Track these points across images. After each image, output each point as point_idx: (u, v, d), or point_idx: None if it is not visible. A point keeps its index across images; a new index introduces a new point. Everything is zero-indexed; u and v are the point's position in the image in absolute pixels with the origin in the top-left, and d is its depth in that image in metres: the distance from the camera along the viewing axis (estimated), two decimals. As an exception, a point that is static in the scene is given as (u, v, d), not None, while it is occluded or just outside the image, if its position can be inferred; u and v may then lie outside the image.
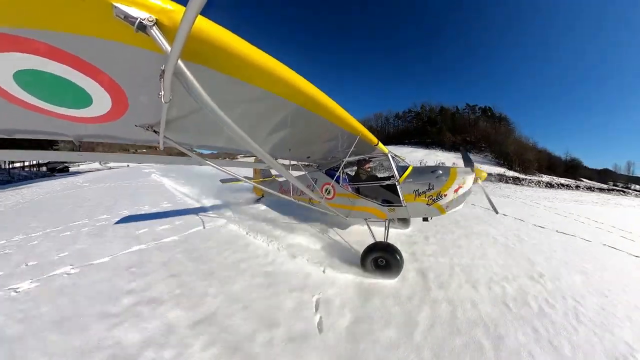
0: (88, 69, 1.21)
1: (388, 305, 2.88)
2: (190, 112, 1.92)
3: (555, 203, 15.17)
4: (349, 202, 4.52)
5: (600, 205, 16.95)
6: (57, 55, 1.10)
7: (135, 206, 8.11)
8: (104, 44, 1.02)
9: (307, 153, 4.48)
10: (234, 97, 1.67)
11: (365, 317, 2.67)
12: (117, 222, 6.07)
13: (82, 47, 1.07)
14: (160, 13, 0.93)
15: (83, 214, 7.19)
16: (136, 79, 1.34)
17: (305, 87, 1.75)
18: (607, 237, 6.65)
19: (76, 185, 15.71)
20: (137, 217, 6.62)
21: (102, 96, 1.47)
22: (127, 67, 1.23)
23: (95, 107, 1.61)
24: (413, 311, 2.79)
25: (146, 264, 3.74)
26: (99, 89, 1.38)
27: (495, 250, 4.81)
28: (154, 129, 2.13)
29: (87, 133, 2.22)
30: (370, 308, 2.81)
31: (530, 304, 3.06)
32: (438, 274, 3.66)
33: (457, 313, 2.79)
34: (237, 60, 1.25)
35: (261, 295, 2.97)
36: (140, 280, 3.25)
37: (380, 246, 3.52)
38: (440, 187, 3.60)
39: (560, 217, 9.58)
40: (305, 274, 3.46)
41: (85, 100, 1.51)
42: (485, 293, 3.23)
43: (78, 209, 7.94)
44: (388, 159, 4.10)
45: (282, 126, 2.58)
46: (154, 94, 1.27)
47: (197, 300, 2.86)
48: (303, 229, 5.28)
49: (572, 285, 3.65)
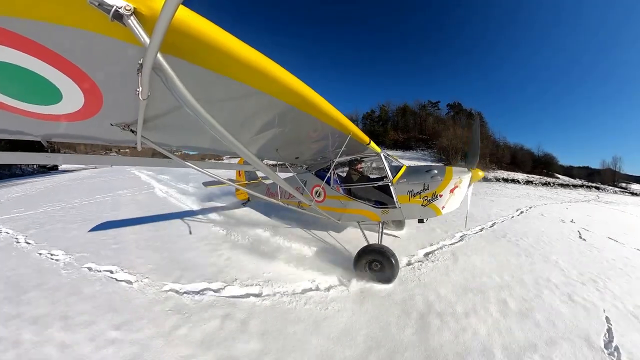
0: (57, 60, 1.15)
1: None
2: (171, 111, 1.89)
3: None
4: (341, 204, 4.54)
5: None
6: (22, 45, 1.05)
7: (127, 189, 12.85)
8: (75, 34, 0.98)
9: (295, 154, 4.47)
10: (217, 94, 1.64)
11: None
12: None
13: (50, 37, 1.01)
14: (138, 1, 0.89)
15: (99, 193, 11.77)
16: (111, 73, 1.30)
17: (294, 84, 1.74)
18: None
19: (79, 178, 20.89)
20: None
21: (73, 92, 1.41)
22: (101, 60, 1.19)
23: (65, 104, 1.55)
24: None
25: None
26: (69, 83, 1.33)
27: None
28: (131, 129, 2.07)
29: (57, 132, 2.13)
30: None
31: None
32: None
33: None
34: (221, 55, 1.23)
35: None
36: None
37: (374, 249, 3.54)
38: (435, 187, 3.65)
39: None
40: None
41: (54, 96, 1.44)
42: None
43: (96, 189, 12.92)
44: (380, 158, 4.14)
45: (269, 126, 2.57)
46: (131, 90, 1.23)
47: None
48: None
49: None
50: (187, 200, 9.10)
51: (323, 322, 2.72)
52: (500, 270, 4.11)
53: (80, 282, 3.45)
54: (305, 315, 2.83)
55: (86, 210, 8.17)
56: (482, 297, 3.28)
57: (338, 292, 3.29)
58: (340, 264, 3.90)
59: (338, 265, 3.87)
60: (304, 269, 3.82)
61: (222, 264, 3.96)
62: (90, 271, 3.75)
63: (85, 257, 4.19)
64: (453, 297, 3.26)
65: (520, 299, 3.30)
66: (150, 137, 2.39)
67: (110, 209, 8.25)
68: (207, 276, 3.58)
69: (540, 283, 3.75)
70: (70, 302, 3.01)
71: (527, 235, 6.31)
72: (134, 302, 3.00)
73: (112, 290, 3.25)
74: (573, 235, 6.64)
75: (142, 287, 3.32)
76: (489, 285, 3.61)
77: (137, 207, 8.29)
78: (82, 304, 2.97)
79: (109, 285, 3.37)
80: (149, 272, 3.69)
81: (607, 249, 5.59)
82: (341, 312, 2.89)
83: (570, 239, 6.32)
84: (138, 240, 4.97)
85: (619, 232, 7.38)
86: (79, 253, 4.38)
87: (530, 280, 3.83)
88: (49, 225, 6.31)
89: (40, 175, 27.42)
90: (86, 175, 23.69)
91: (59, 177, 24.12)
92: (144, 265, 3.91)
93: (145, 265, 3.90)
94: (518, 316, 2.95)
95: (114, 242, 4.88)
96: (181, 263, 3.99)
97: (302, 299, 3.13)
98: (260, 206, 7.69)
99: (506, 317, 2.91)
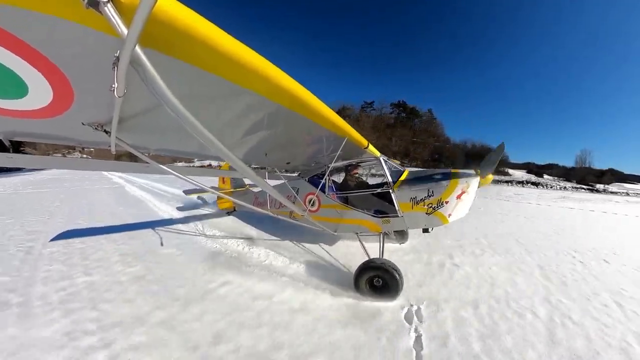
0: (23, 49, 1.13)
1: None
2: (149, 110, 1.88)
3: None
4: (337, 214, 4.54)
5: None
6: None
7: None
8: (43, 19, 0.95)
9: (286, 158, 4.48)
10: (201, 92, 1.65)
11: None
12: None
13: (16, 22, 0.99)
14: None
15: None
16: (84, 66, 1.29)
17: (286, 83, 1.75)
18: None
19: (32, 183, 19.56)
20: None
21: (41, 85, 1.39)
22: (73, 51, 1.17)
23: (31, 99, 1.53)
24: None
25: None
26: (37, 76, 1.31)
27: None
28: (105, 129, 2.07)
29: (20, 130, 2.11)
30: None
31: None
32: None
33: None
34: (206, 49, 1.23)
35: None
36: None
37: (375, 264, 3.49)
38: (440, 194, 3.64)
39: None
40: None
41: (19, 89, 1.42)
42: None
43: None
44: (380, 162, 4.18)
45: (257, 127, 2.58)
46: (105, 86, 1.22)
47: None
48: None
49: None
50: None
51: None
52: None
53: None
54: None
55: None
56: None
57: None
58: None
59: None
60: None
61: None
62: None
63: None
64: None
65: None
66: (125, 138, 2.38)
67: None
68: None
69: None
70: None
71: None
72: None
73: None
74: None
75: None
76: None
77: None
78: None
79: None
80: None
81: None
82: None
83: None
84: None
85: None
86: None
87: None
88: None
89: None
90: (40, 180, 21.68)
91: (6, 179, 22.36)
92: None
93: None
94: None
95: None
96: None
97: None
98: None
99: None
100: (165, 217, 8.19)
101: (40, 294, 3.57)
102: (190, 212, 8.74)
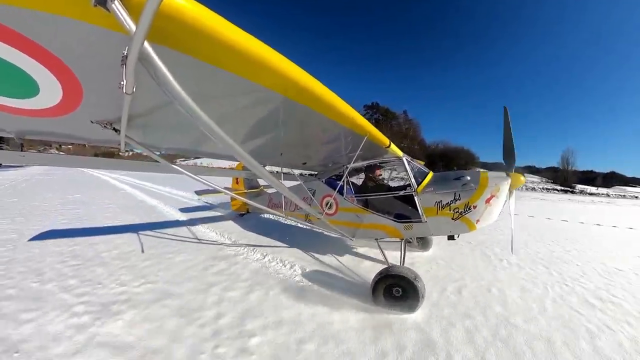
0: (34, 50, 1.19)
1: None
2: (159, 107, 1.93)
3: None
4: (356, 218, 4.49)
5: None
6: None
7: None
8: (53, 20, 1.01)
9: (302, 158, 4.49)
10: (212, 89, 1.67)
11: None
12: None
13: (27, 23, 1.05)
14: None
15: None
16: (93, 64, 1.34)
17: (301, 78, 1.74)
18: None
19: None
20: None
21: (51, 85, 1.46)
22: (81, 50, 1.22)
23: (42, 98, 1.61)
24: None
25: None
26: (47, 75, 1.37)
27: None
28: (114, 127, 2.14)
29: (32, 129, 2.22)
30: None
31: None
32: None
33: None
34: (216, 44, 1.24)
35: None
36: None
37: (395, 272, 3.34)
38: (468, 198, 3.54)
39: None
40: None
41: (30, 89, 1.50)
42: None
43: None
44: (403, 163, 4.09)
45: (272, 126, 2.60)
46: (114, 84, 1.25)
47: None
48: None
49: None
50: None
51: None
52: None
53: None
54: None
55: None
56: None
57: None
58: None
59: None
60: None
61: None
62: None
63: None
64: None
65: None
66: (135, 136, 2.45)
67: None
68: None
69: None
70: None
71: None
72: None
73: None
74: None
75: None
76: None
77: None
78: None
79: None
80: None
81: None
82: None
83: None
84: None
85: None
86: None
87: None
88: None
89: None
90: (29, 176, 21.47)
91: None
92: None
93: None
94: None
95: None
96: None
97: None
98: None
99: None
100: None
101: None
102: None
